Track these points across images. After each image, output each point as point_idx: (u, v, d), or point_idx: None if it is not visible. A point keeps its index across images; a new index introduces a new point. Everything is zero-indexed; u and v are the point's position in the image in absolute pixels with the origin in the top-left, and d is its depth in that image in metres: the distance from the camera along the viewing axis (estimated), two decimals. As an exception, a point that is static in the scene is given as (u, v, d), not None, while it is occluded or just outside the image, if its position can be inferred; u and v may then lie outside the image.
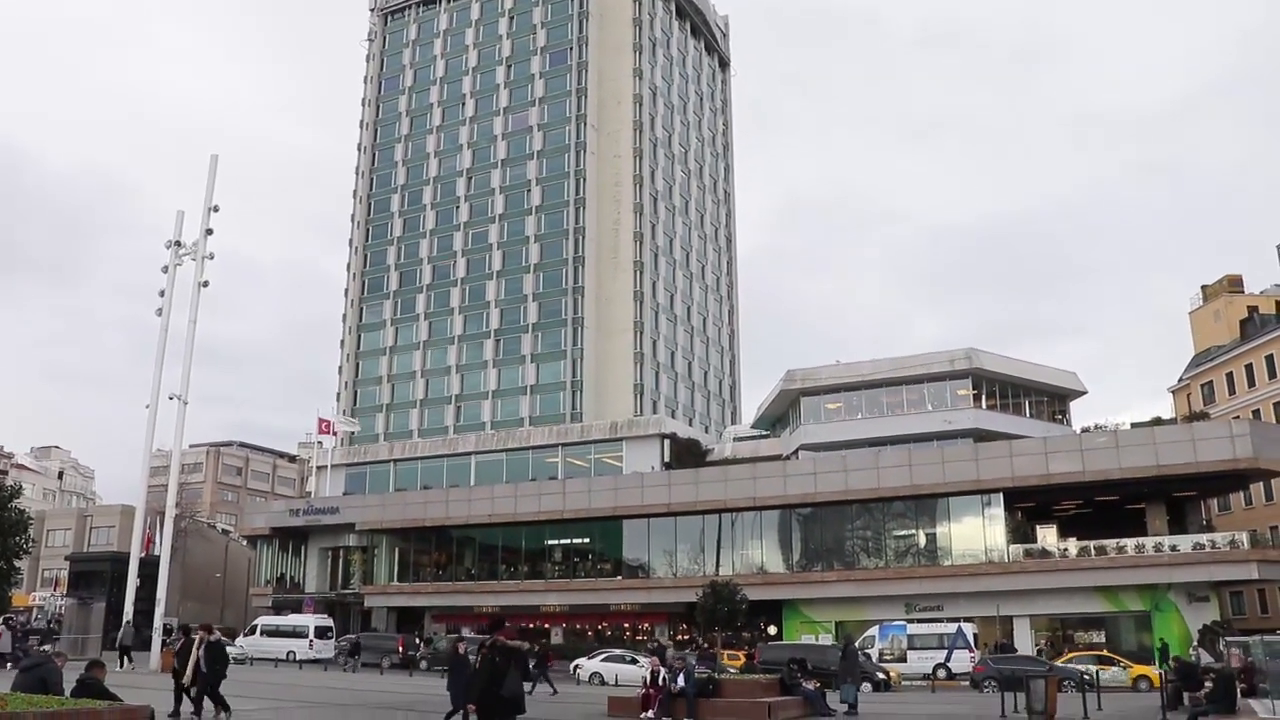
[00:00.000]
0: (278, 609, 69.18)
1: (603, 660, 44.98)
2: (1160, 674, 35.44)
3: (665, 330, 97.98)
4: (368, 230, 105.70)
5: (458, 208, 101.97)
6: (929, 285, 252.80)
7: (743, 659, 44.97)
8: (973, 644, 46.74)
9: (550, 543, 64.58)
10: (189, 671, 20.61)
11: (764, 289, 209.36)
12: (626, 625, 62.43)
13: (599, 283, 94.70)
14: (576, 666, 45.68)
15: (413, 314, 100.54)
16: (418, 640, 57.24)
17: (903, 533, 56.47)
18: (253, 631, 60.45)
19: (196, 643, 21.01)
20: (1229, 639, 39.33)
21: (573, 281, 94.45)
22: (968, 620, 49.46)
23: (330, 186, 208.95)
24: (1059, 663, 40.77)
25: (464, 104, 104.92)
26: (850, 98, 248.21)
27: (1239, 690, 22.55)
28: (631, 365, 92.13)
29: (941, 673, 45.43)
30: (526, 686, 21.63)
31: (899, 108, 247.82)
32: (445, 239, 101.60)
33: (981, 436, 61.31)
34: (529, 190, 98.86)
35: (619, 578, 61.15)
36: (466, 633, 60.40)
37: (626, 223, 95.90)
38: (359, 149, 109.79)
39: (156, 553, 51.19)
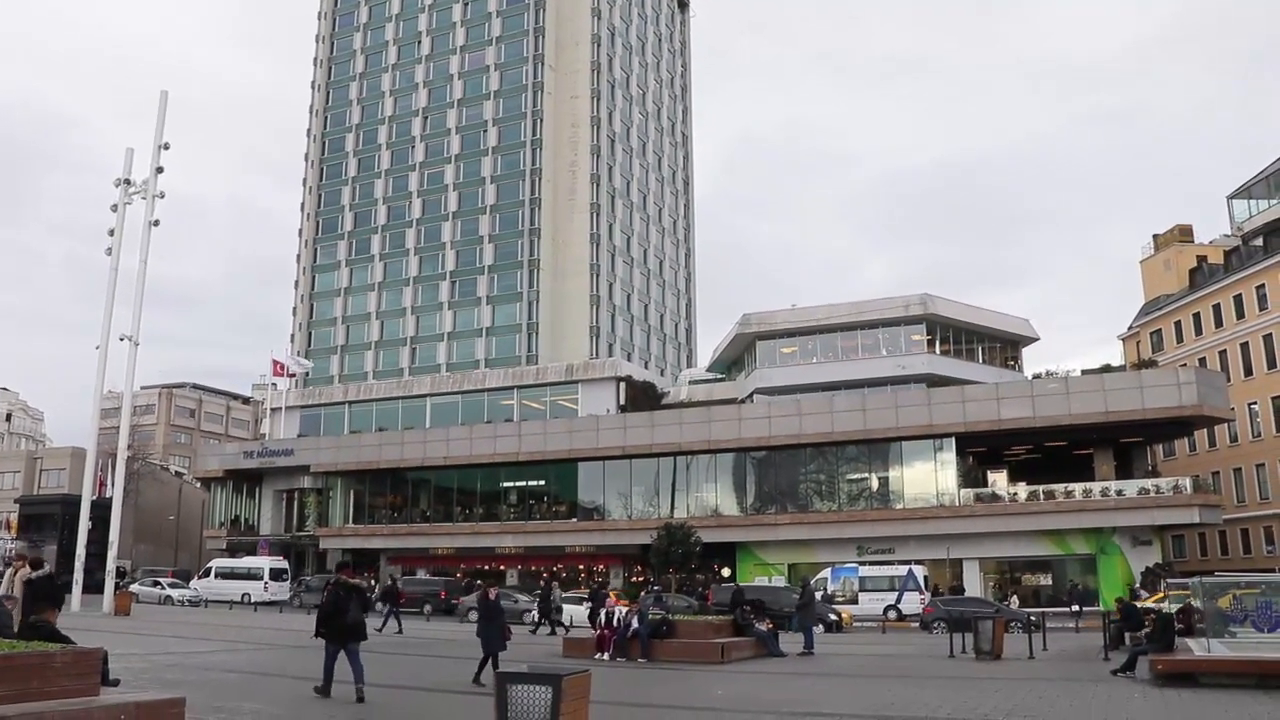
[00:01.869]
0: (232, 551, 69.11)
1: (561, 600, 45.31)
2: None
3: (621, 273, 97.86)
4: (322, 170, 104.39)
5: (413, 148, 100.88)
6: (883, 229, 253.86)
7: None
8: (923, 586, 47.55)
9: (505, 485, 64.77)
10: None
11: (720, 232, 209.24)
12: (581, 567, 62.96)
13: (555, 225, 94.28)
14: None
15: (368, 255, 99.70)
16: (373, 581, 57.45)
17: (855, 476, 57.15)
18: (207, 574, 60.41)
19: (11, 574, 18.70)
20: (1170, 581, 40.30)
21: (529, 223, 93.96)
22: (918, 563, 50.29)
23: (283, 124, 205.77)
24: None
25: (420, 42, 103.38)
26: (808, 40, 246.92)
27: (1177, 630, 23.18)
28: (587, 308, 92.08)
29: (892, 614, 46.23)
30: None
31: (856, 51, 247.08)
32: (400, 179, 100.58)
33: (935, 382, 61.92)
34: (485, 131, 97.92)
35: (574, 520, 61.51)
36: (422, 574, 60.75)
37: (583, 165, 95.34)
38: (313, 87, 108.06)
39: (109, 495, 50.81)
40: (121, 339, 44.36)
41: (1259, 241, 67.41)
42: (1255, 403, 64.00)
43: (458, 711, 16.02)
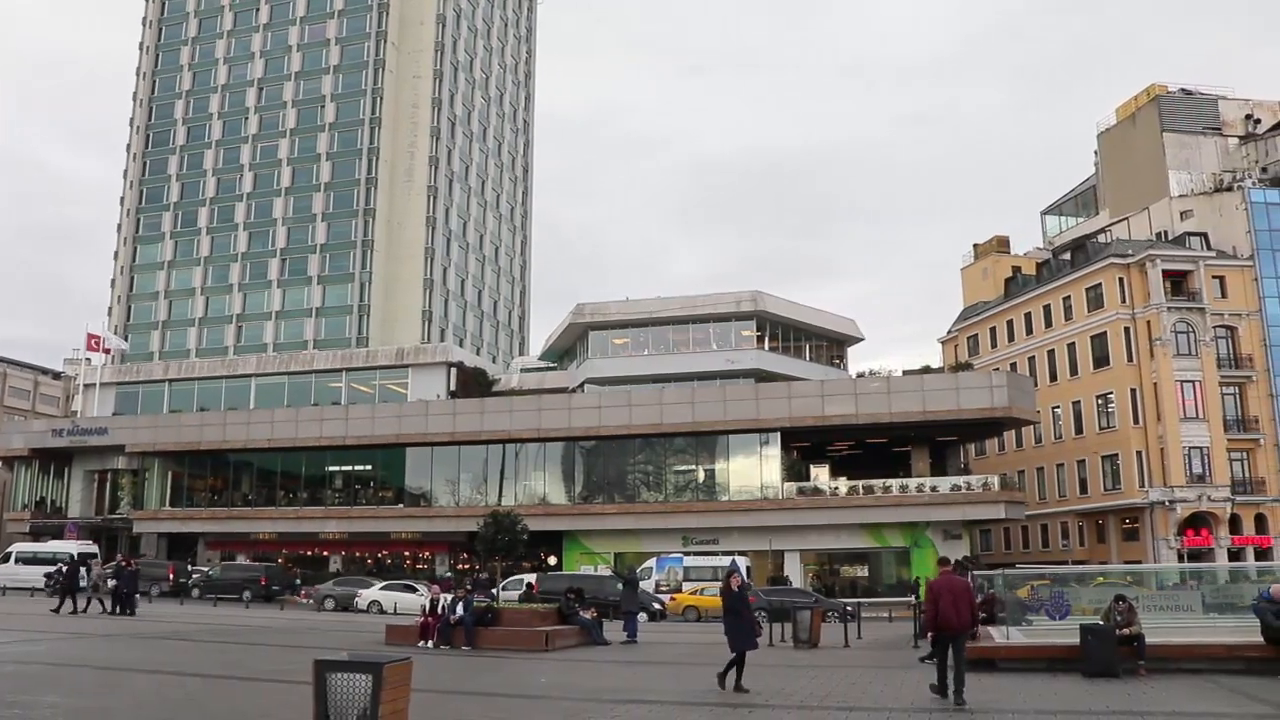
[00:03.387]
0: (36, 535, 65.82)
1: (382, 589, 44.95)
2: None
3: (457, 258, 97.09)
4: (148, 136, 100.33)
5: (246, 119, 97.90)
6: (710, 219, 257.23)
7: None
8: (745, 576, 48.64)
9: (331, 469, 63.60)
10: None
11: (552, 219, 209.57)
12: (407, 554, 62.30)
13: (391, 206, 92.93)
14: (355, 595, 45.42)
15: (194, 228, 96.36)
16: (189, 567, 55.74)
17: (683, 468, 58.16)
18: (6, 559, 57.39)
19: None
20: (977, 573, 42.39)
21: (364, 203, 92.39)
22: (741, 554, 51.39)
23: (101, 84, 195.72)
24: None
25: (258, 9, 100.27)
26: (649, 29, 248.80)
27: (981, 619, 24.50)
28: (421, 291, 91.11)
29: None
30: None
31: (690, 42, 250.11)
32: (232, 151, 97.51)
33: (763, 377, 63.38)
34: (323, 106, 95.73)
35: (400, 506, 60.85)
36: (242, 559, 59.20)
37: (422, 146, 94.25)
38: (141, 49, 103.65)
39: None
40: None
41: (1067, 256, 71.21)
42: (1059, 407, 67.67)
43: (277, 699, 15.80)
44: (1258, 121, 75.49)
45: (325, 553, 62.83)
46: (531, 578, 46.26)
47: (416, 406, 62.87)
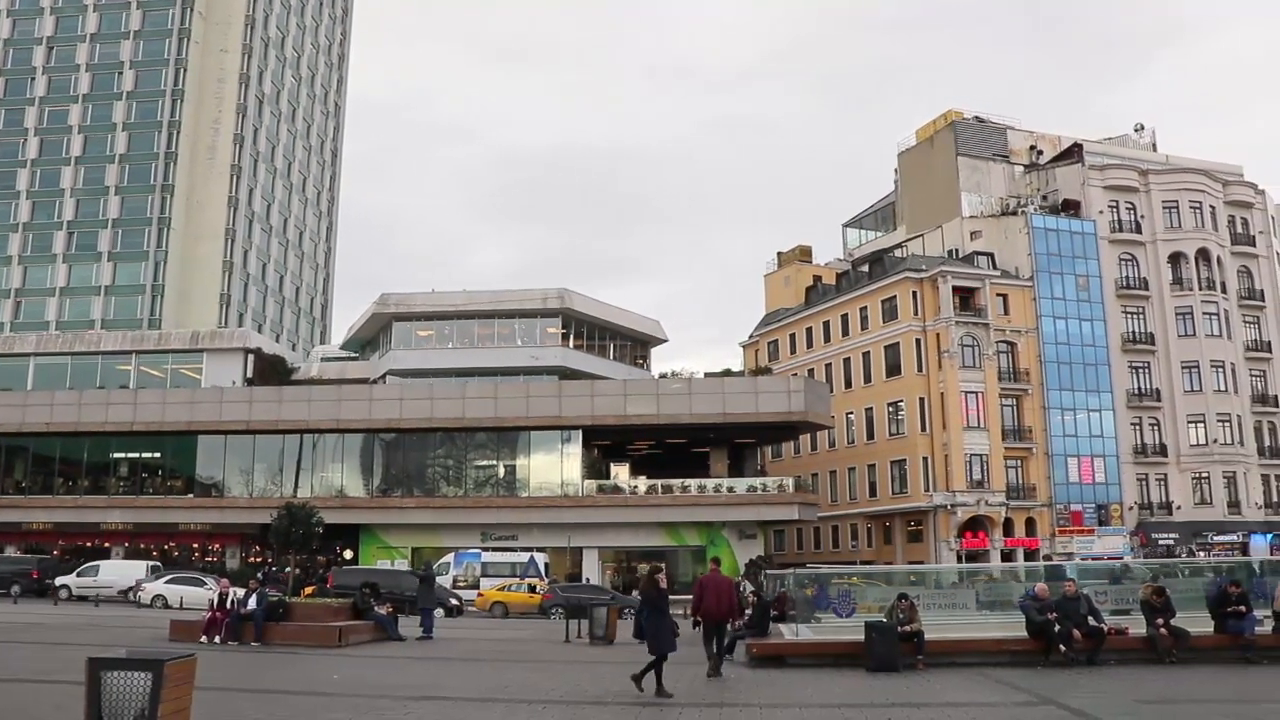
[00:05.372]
0: None
1: (167, 582, 43.14)
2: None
3: (259, 241, 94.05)
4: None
5: (33, 79, 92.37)
6: (517, 213, 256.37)
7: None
8: (544, 573, 48.82)
9: (117, 456, 60.57)
10: None
11: (362, 207, 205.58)
12: (196, 546, 59.98)
13: (191, 184, 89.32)
14: (138, 589, 43.44)
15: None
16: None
17: (484, 463, 57.99)
18: None
19: None
20: (769, 572, 43.70)
21: (162, 179, 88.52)
22: (540, 550, 51.59)
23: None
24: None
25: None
26: (462, 15, 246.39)
27: (772, 616, 25.29)
28: (220, 274, 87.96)
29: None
30: None
31: (501, 32, 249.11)
32: (15, 113, 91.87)
33: (567, 375, 63.70)
34: (121, 73, 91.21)
35: (191, 496, 58.58)
36: (11, 551, 55.91)
37: (227, 123, 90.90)
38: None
39: None
40: None
41: (865, 268, 74.06)
42: (852, 413, 70.32)
43: (42, 700, 14.84)
44: (1040, 152, 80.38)
45: (107, 544, 59.64)
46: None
47: (211, 393, 60.61)
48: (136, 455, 60.68)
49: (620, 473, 58.35)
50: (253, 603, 24.77)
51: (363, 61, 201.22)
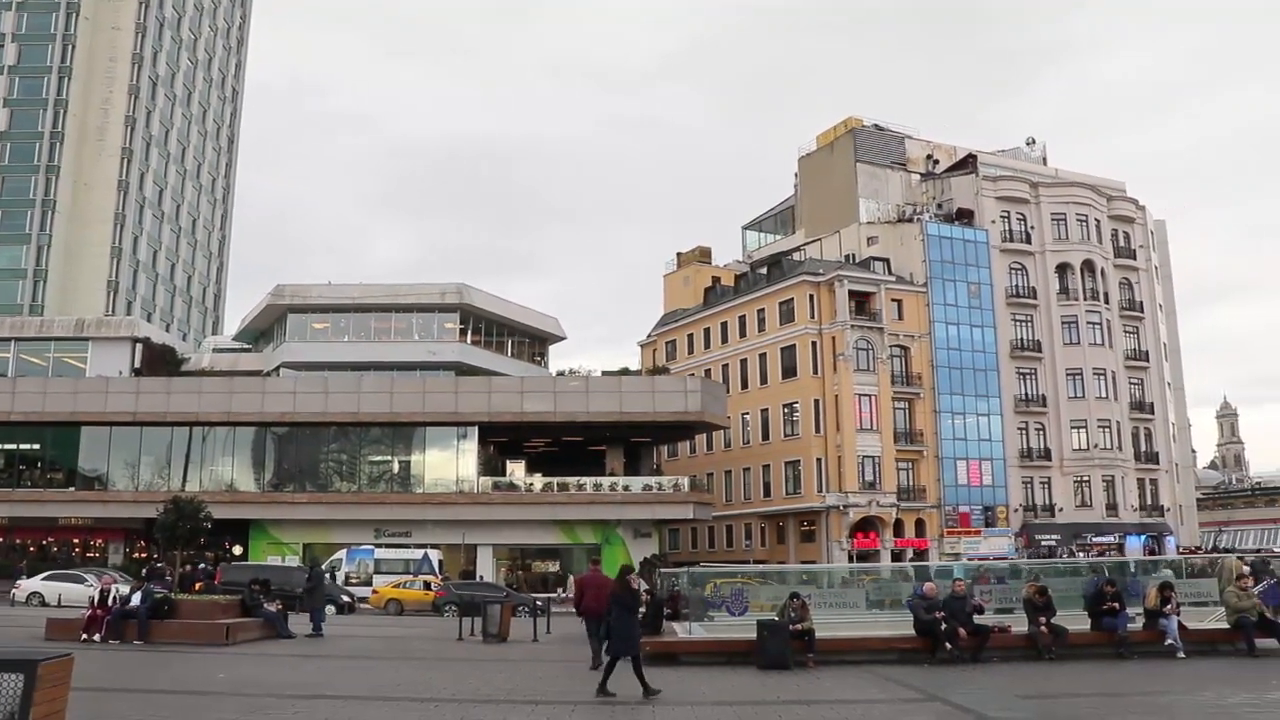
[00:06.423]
0: None
1: (45, 579, 41.71)
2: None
3: (150, 227, 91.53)
4: None
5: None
6: (413, 207, 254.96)
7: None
8: (437, 570, 48.39)
9: (-8, 446, 58.59)
10: None
11: (258, 196, 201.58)
12: (77, 541, 58.14)
13: (79, 165, 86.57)
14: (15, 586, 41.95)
15: None
16: None
17: (378, 458, 57.32)
18: None
19: None
20: (664, 570, 43.91)
21: (47, 159, 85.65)
22: (434, 547, 51.16)
23: None
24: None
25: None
26: (360, 3, 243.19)
27: (666, 614, 25.45)
28: (107, 260, 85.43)
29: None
30: None
31: (401, 21, 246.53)
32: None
33: (464, 371, 63.20)
34: (3, 47, 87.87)
35: (72, 489, 56.76)
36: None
37: (118, 104, 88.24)
38: None
39: None
40: None
41: (764, 270, 74.82)
42: (749, 413, 71.02)
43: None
44: (936, 162, 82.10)
45: (-21, 538, 57.68)
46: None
47: (96, 383, 58.84)
48: (14, 446, 58.67)
49: (516, 470, 58.18)
50: (136, 599, 24.11)
51: (261, 46, 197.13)
